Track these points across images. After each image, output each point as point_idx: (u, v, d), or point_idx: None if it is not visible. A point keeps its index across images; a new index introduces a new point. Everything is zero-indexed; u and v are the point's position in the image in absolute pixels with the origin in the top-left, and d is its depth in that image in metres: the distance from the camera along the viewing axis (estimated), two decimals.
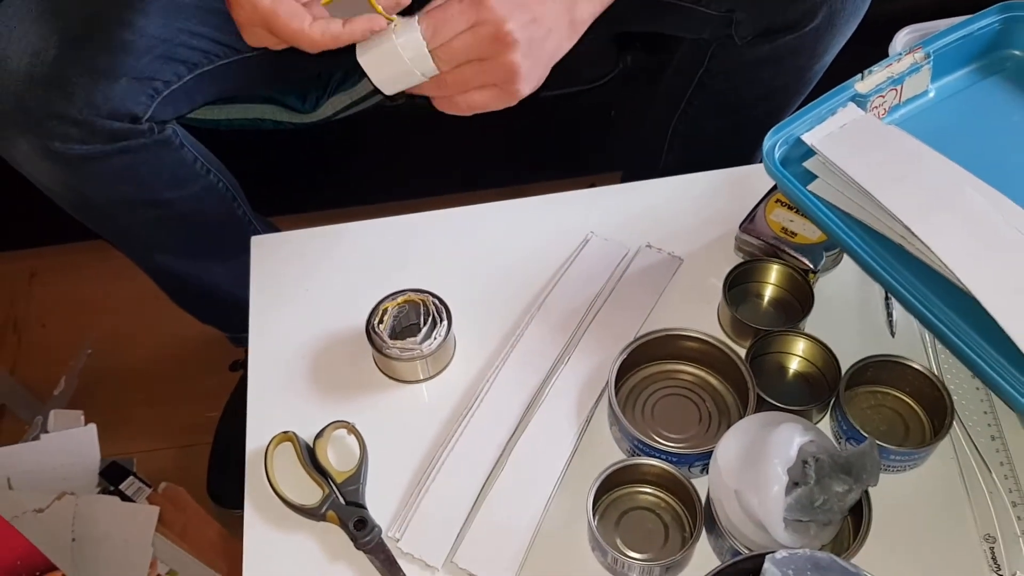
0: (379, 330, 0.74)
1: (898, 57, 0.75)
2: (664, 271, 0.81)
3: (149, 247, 1.01)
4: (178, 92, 0.84)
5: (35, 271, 1.45)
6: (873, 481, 0.60)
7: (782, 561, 0.55)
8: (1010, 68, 0.79)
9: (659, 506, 0.68)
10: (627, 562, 0.64)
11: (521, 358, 0.75)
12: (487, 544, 0.66)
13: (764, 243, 0.78)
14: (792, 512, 0.60)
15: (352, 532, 0.67)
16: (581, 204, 0.87)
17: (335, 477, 0.69)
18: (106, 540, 1.00)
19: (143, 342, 1.34)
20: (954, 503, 0.69)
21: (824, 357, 0.72)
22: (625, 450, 0.70)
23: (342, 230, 0.86)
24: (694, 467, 0.68)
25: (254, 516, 0.70)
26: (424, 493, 0.69)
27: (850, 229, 0.69)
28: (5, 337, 1.38)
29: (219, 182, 0.96)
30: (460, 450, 0.71)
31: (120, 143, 0.82)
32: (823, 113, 0.73)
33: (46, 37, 0.77)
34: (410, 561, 0.67)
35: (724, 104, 1.00)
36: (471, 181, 1.28)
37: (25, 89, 0.77)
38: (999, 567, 0.65)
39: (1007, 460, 0.70)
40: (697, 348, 0.73)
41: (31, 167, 0.84)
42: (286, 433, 0.71)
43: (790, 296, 0.77)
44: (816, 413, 0.71)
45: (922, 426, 0.71)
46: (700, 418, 0.72)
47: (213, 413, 1.23)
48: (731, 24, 0.89)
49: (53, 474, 1.05)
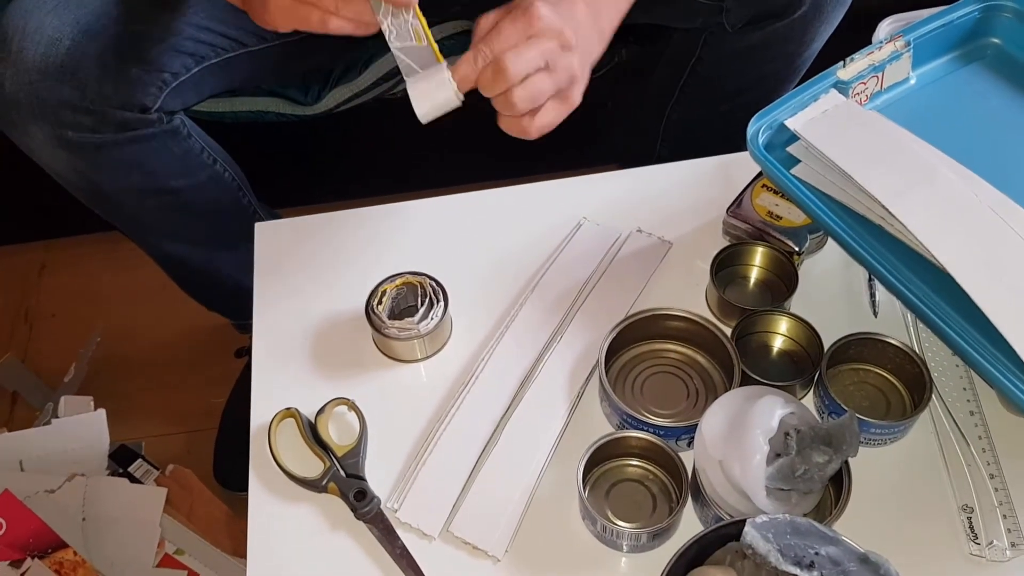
0: (378, 311, 0.76)
1: (879, 45, 0.78)
2: (654, 254, 0.83)
3: (157, 235, 1.03)
4: (186, 84, 0.87)
5: (45, 263, 1.48)
6: (852, 452, 0.63)
7: (762, 525, 0.57)
8: (989, 56, 0.81)
9: (647, 477, 0.70)
10: (616, 530, 0.66)
11: (515, 338, 0.78)
12: (482, 514, 0.69)
13: (751, 227, 0.80)
14: (774, 481, 0.62)
15: (352, 503, 0.70)
16: (575, 190, 0.89)
17: (336, 451, 0.72)
18: (115, 520, 1.02)
19: (151, 330, 1.36)
20: (933, 475, 0.71)
21: (808, 336, 0.74)
22: (615, 424, 0.73)
23: (342, 216, 0.88)
24: (680, 440, 0.71)
25: (258, 489, 0.72)
26: (422, 466, 0.71)
27: (832, 211, 0.72)
28: (17, 327, 1.41)
29: (225, 172, 0.99)
30: (456, 425, 0.73)
31: (130, 132, 0.85)
32: (806, 99, 0.75)
33: (59, 29, 0.80)
34: (408, 530, 0.69)
35: (717, 92, 1.02)
36: (470, 173, 1.31)
37: (39, 79, 0.80)
38: (976, 536, 0.67)
39: (985, 434, 0.72)
40: (685, 327, 0.75)
41: (45, 155, 0.86)
42: (289, 410, 0.74)
43: (775, 278, 0.80)
44: (800, 389, 0.74)
45: (903, 402, 0.73)
46: (687, 394, 0.74)
47: (219, 399, 1.25)
48: (721, 12, 0.91)
49: (64, 457, 1.08)
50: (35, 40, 0.79)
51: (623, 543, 0.67)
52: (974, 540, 0.67)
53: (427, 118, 0.71)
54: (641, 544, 0.67)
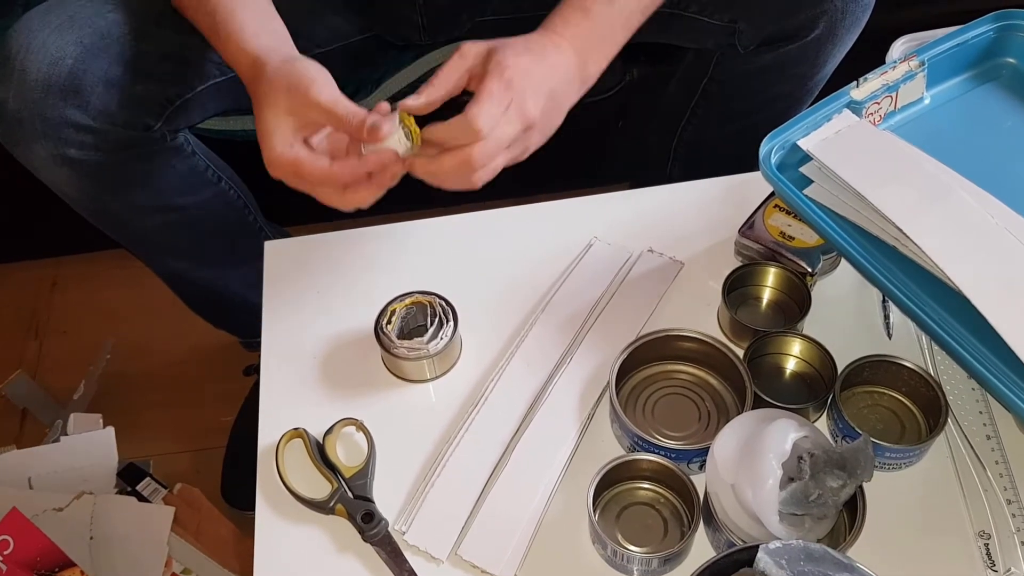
0: (387, 331, 0.76)
1: (893, 65, 0.77)
2: (665, 275, 0.82)
3: (163, 252, 1.03)
4: (190, 103, 0.87)
5: (56, 280, 1.49)
6: (867, 476, 0.62)
7: (776, 551, 0.56)
8: (1005, 76, 0.81)
9: (658, 501, 0.69)
10: (627, 554, 0.65)
11: (525, 358, 0.77)
12: (491, 537, 0.68)
13: (763, 247, 0.80)
14: (787, 506, 0.61)
15: (360, 525, 0.69)
16: (585, 210, 0.89)
17: (344, 472, 0.71)
18: (123, 539, 1.01)
19: (160, 348, 1.37)
20: (949, 500, 0.70)
21: (821, 358, 0.73)
22: (625, 447, 0.72)
23: (352, 235, 0.88)
24: (692, 463, 0.70)
25: (266, 509, 0.72)
26: (430, 487, 0.71)
27: (845, 232, 0.71)
28: (27, 343, 1.41)
29: (230, 189, 0.99)
30: (465, 446, 0.73)
31: (133, 150, 0.85)
32: (819, 119, 0.75)
33: (63, 48, 0.80)
34: (415, 553, 0.68)
35: (728, 112, 1.02)
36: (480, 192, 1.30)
37: (42, 97, 0.80)
38: (994, 563, 0.66)
39: (1002, 459, 0.71)
40: (696, 348, 0.74)
41: (48, 173, 0.86)
42: (297, 430, 0.74)
43: (788, 299, 0.79)
44: (813, 412, 0.73)
45: (918, 425, 0.72)
46: (699, 417, 0.73)
47: (227, 417, 1.25)
48: (734, 34, 0.91)
49: (72, 475, 1.07)
50: (38, 59, 0.80)
51: (634, 568, 0.66)
52: (991, 567, 0.66)
53: None
54: (652, 569, 0.66)
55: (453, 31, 1.01)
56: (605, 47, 0.75)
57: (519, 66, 0.69)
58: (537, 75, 0.71)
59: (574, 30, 0.74)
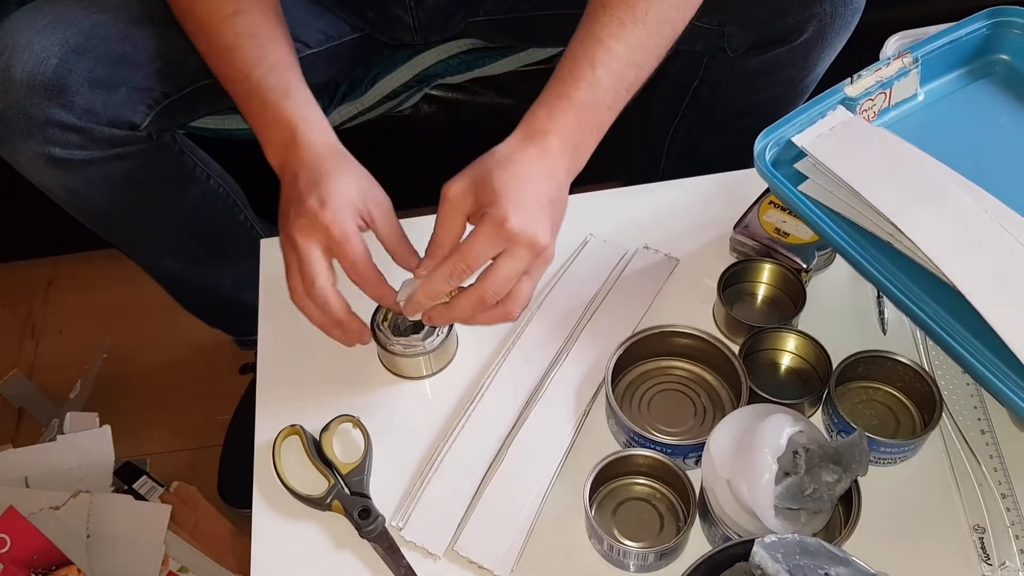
0: (383, 327, 0.76)
1: (887, 61, 0.77)
2: (661, 271, 0.83)
3: (153, 251, 1.03)
4: (178, 103, 0.87)
5: (52, 279, 1.49)
6: (862, 471, 0.62)
7: (771, 545, 0.56)
8: (998, 72, 0.81)
9: (654, 496, 0.69)
10: (623, 549, 0.65)
11: (521, 355, 0.78)
12: (487, 533, 0.68)
13: (758, 243, 0.80)
14: (782, 500, 0.62)
15: (356, 521, 0.69)
16: (581, 207, 0.88)
17: (340, 468, 0.71)
18: (120, 537, 1.01)
19: (156, 347, 1.37)
20: (944, 495, 0.70)
21: (816, 353, 0.74)
22: (621, 443, 0.72)
23: None
24: (688, 458, 0.70)
25: (262, 507, 0.72)
26: (427, 484, 0.71)
27: (840, 228, 0.71)
28: (23, 343, 1.41)
29: (220, 188, 0.99)
30: (461, 443, 0.73)
31: (118, 149, 0.85)
32: (813, 116, 0.75)
33: (48, 48, 0.80)
34: (412, 549, 0.69)
35: (719, 114, 1.02)
36: None
37: (27, 97, 0.80)
38: (988, 557, 0.66)
39: (996, 453, 0.71)
40: (692, 344, 0.75)
41: (35, 172, 0.86)
42: (293, 427, 0.74)
43: (783, 295, 0.79)
44: (808, 407, 0.73)
45: (912, 420, 0.73)
46: (695, 412, 0.74)
47: (224, 415, 1.25)
48: (723, 37, 0.91)
49: (69, 474, 1.07)
50: (23, 58, 0.80)
51: (630, 562, 0.66)
52: (986, 561, 0.66)
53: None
54: (648, 564, 0.66)
55: (445, 32, 1.01)
56: (593, 132, 0.73)
57: (511, 200, 0.66)
58: (530, 194, 0.68)
59: (560, 121, 0.70)
